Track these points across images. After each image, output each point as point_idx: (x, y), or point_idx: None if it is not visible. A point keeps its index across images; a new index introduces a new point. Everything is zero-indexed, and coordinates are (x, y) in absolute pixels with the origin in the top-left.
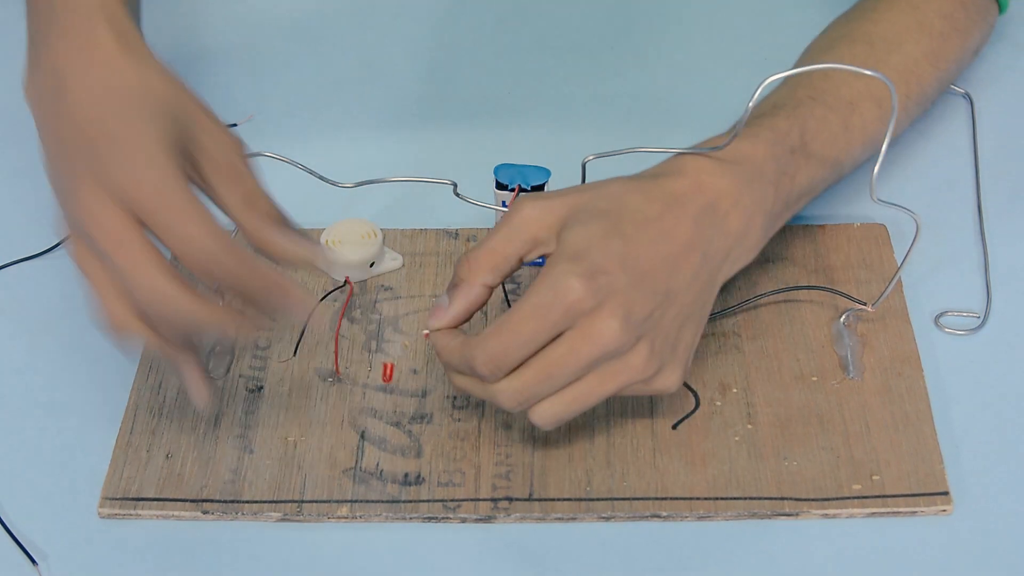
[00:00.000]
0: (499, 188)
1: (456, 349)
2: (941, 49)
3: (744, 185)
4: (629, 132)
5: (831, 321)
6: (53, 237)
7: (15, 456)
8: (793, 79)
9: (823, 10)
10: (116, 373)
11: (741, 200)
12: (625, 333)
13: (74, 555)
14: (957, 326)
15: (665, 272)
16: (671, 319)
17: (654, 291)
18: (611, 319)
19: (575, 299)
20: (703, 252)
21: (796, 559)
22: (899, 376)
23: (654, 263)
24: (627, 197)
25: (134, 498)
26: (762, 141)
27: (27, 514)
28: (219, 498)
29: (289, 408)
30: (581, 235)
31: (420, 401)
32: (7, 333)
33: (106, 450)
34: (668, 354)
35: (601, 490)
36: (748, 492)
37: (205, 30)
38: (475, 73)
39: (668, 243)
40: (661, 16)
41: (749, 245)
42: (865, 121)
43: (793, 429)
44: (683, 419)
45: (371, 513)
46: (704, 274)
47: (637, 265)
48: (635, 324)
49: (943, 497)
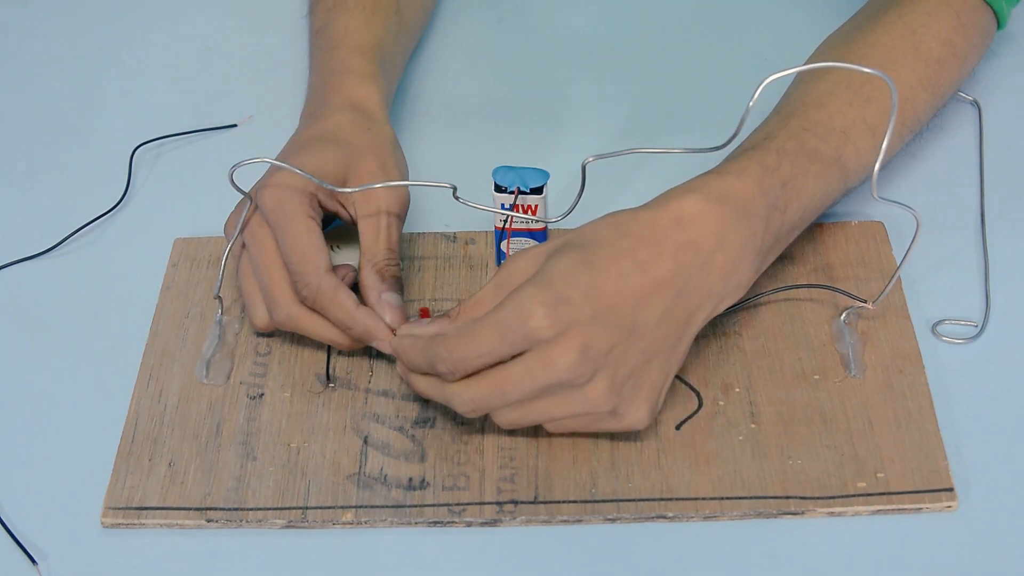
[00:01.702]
0: (498, 191)
1: (420, 344)
2: (937, 76)
3: (731, 223)
4: (629, 134)
5: (831, 319)
6: (53, 237)
7: (14, 457)
8: (787, 108)
9: (824, 11)
10: (116, 373)
11: (728, 239)
12: (581, 365)
13: (77, 564)
14: (955, 335)
15: (631, 306)
16: (636, 354)
17: (617, 325)
18: (568, 350)
19: (536, 326)
20: (679, 288)
21: (802, 557)
22: (901, 373)
23: (621, 296)
24: (603, 231)
25: (137, 507)
26: (751, 177)
27: (28, 521)
28: (223, 506)
29: (291, 414)
30: (553, 265)
31: (422, 405)
32: (7, 333)
33: (107, 452)
34: (630, 390)
35: (606, 492)
36: (753, 491)
37: (205, 30)
38: (474, 76)
39: (638, 277)
40: (661, 17)
41: (736, 283)
42: (859, 150)
43: (796, 428)
44: (687, 419)
45: (376, 518)
46: (679, 312)
47: (602, 298)
48: (593, 357)
49: (948, 493)
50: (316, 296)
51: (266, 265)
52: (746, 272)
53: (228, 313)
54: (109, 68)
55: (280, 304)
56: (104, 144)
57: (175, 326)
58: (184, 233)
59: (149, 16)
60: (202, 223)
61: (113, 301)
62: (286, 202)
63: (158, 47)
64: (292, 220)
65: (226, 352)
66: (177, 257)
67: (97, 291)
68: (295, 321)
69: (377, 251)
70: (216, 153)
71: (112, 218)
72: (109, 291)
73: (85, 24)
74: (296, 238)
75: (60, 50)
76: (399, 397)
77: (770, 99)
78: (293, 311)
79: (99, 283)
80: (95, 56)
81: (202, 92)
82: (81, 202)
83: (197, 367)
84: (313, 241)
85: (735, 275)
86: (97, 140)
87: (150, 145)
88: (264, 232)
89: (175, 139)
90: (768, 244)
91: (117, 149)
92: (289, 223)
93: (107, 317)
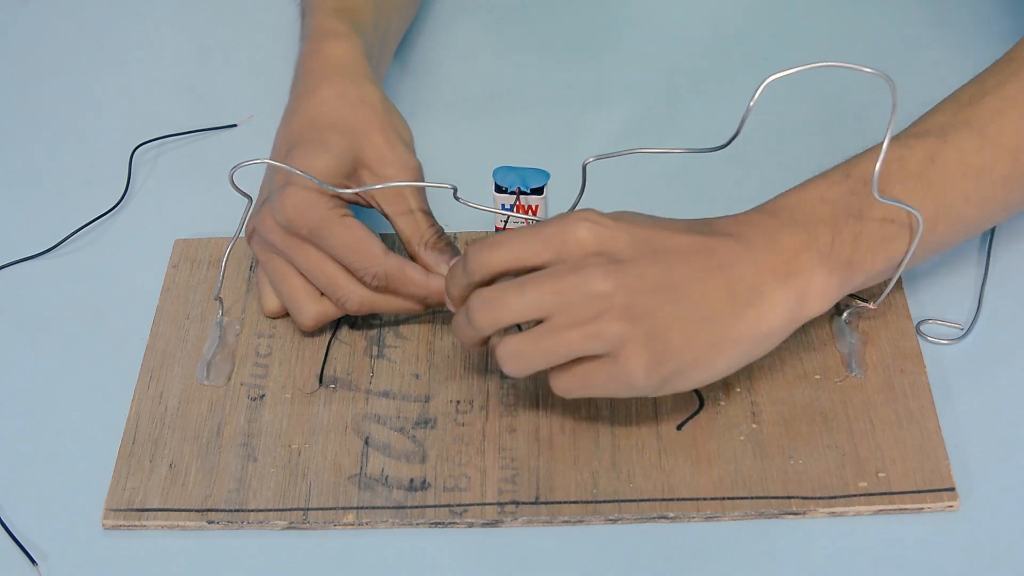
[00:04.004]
0: (498, 191)
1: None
2: None
3: (782, 228)
4: (629, 134)
5: (832, 319)
6: (53, 237)
7: (15, 458)
8: None
9: (825, 10)
10: (115, 373)
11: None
12: (610, 288)
13: (78, 565)
14: (940, 335)
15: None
16: (666, 315)
17: (656, 277)
18: (603, 274)
19: (579, 239)
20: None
21: (803, 558)
22: (901, 373)
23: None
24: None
25: (138, 508)
26: (808, 190)
27: (29, 522)
28: (224, 507)
29: (292, 415)
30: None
31: (423, 406)
32: (6, 333)
33: (106, 453)
34: (643, 339)
35: (607, 492)
36: (754, 492)
37: (205, 30)
38: (475, 75)
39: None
40: (662, 16)
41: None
42: None
43: (798, 428)
44: (688, 419)
45: (377, 519)
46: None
47: (649, 248)
48: (624, 289)
49: (949, 493)
50: (386, 281)
51: (318, 266)
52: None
53: (228, 314)
54: (109, 68)
55: (351, 295)
56: (104, 144)
57: (176, 327)
58: (184, 233)
59: (149, 16)
60: (202, 223)
61: (113, 301)
62: (311, 207)
63: (158, 47)
64: (328, 223)
65: (227, 353)
66: (177, 258)
67: (97, 291)
68: (369, 306)
69: (422, 233)
70: (216, 153)
71: (112, 218)
72: (109, 291)
73: (85, 24)
74: (341, 238)
75: (60, 50)
76: (400, 398)
77: (771, 99)
78: (365, 298)
79: (99, 283)
80: (95, 56)
81: (202, 92)
82: (81, 202)
83: (198, 368)
84: (357, 233)
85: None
86: (97, 140)
87: (150, 145)
88: (293, 239)
89: (175, 139)
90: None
91: (117, 149)
92: (327, 227)
93: (107, 317)
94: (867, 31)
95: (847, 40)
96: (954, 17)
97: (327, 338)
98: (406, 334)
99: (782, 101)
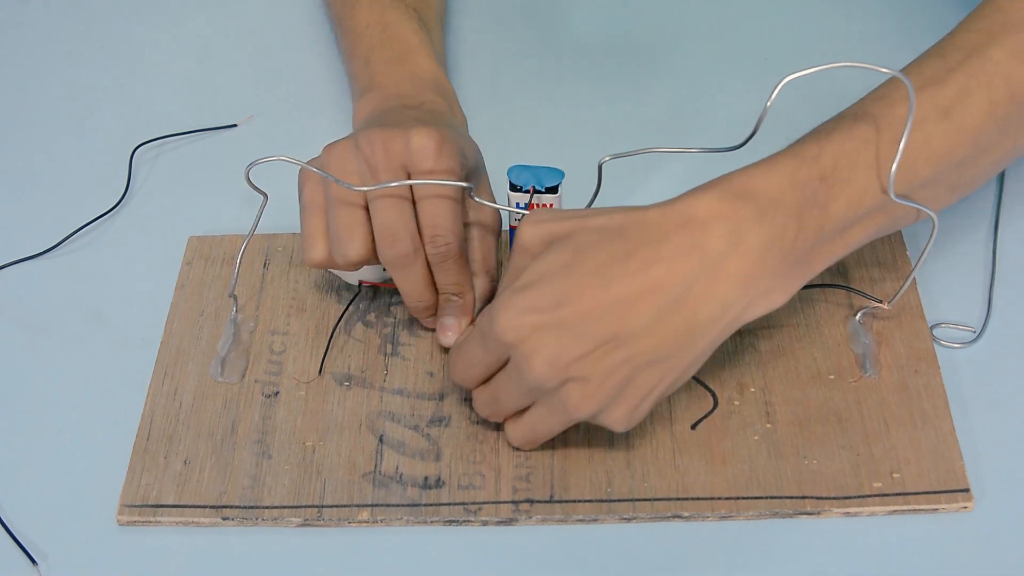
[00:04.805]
0: (513, 190)
1: None
2: None
3: (750, 223)
4: (645, 133)
5: (846, 319)
6: (53, 237)
7: (25, 456)
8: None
9: (839, 10)
10: (116, 373)
11: (744, 240)
12: (550, 372)
13: (92, 562)
14: (952, 338)
15: (614, 315)
16: (619, 362)
17: (593, 334)
18: (536, 358)
19: (507, 332)
20: (675, 296)
21: (818, 558)
22: (916, 374)
23: (599, 304)
24: (606, 228)
25: (153, 505)
26: (778, 171)
27: (37, 520)
28: (238, 504)
29: (306, 413)
30: (539, 265)
31: (438, 404)
32: (7, 333)
33: (117, 451)
34: (611, 396)
35: (622, 491)
36: (769, 491)
37: (205, 30)
38: (488, 73)
39: (622, 285)
40: (678, 16)
41: (763, 289)
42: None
43: (812, 428)
44: (702, 419)
45: (392, 517)
46: (675, 320)
47: (577, 305)
48: (562, 366)
49: (964, 494)
50: (447, 252)
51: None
52: (773, 277)
53: (243, 311)
54: (109, 68)
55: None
56: (104, 144)
57: (190, 324)
58: (184, 233)
59: (149, 16)
60: (203, 223)
61: (114, 301)
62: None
63: (158, 47)
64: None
65: (241, 350)
66: (191, 255)
67: (97, 291)
68: (407, 266)
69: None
70: (216, 153)
71: (112, 218)
72: (109, 291)
73: (85, 24)
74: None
75: (60, 50)
76: (414, 396)
77: (787, 99)
78: (409, 258)
79: (99, 283)
80: (95, 56)
81: (202, 92)
82: (81, 202)
83: (212, 365)
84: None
85: (757, 281)
86: (97, 140)
87: (150, 145)
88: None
89: (175, 139)
90: (807, 245)
91: (117, 149)
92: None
93: (107, 317)
94: (884, 32)
95: (863, 41)
96: None
97: (338, 333)
98: (420, 332)
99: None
